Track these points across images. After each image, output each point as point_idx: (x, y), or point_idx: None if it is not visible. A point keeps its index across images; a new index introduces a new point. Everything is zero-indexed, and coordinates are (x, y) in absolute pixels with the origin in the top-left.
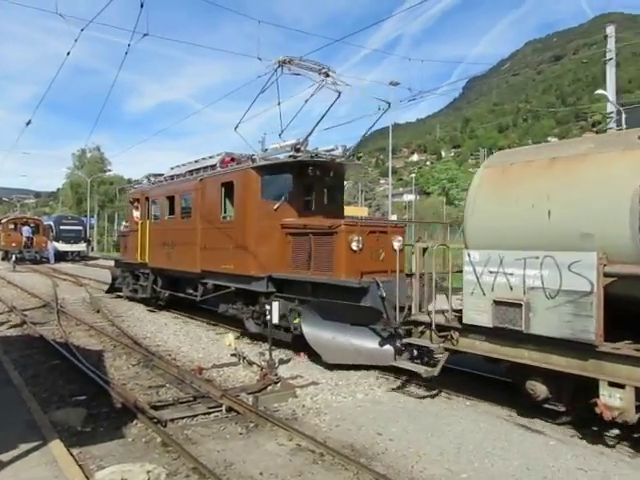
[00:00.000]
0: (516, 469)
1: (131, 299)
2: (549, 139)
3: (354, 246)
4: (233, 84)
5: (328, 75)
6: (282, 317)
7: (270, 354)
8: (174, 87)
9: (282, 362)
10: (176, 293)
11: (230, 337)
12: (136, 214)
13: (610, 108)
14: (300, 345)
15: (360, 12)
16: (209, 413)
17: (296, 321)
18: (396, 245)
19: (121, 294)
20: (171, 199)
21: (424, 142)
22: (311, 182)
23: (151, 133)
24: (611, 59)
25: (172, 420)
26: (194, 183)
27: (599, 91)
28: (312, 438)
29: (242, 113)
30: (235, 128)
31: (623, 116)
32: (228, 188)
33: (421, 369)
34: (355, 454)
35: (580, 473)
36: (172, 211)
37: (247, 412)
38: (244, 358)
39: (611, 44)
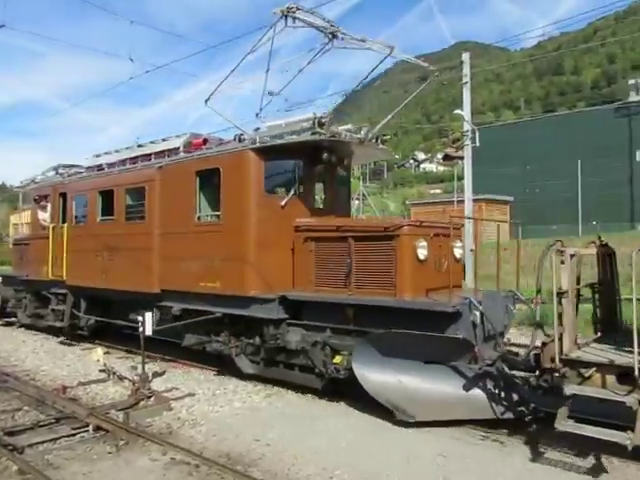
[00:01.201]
0: (385, 461)
1: (29, 327)
2: (416, 153)
3: (421, 254)
4: (100, 84)
5: (336, 37)
6: (299, 352)
7: (143, 367)
8: (34, 83)
9: (156, 375)
10: (112, 320)
11: (99, 352)
12: (43, 216)
13: (466, 127)
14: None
15: (238, 19)
16: (74, 435)
17: (337, 360)
18: (458, 252)
19: (13, 320)
20: (107, 195)
21: None
22: (323, 171)
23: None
24: (466, 82)
25: (30, 445)
26: (148, 172)
27: (457, 111)
28: (187, 450)
29: (113, 115)
30: (206, 101)
31: (477, 134)
32: (208, 178)
33: (621, 437)
34: (232, 462)
35: (440, 458)
36: (108, 211)
37: (117, 430)
38: (114, 373)
39: (466, 69)
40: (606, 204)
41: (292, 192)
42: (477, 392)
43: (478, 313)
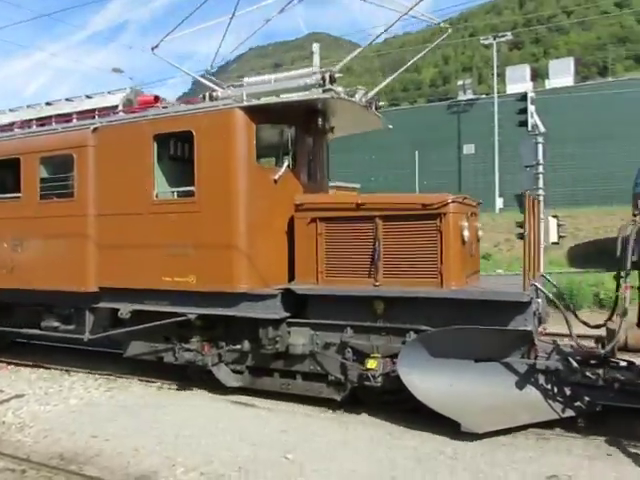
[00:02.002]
0: (231, 441)
1: None
2: None
3: (465, 235)
4: None
5: None
6: (304, 358)
7: None
8: None
9: None
10: (19, 330)
11: None
12: None
13: None
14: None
15: None
16: None
17: (372, 365)
18: (480, 232)
19: None
20: (8, 166)
21: None
22: (313, 140)
23: None
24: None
25: None
26: (77, 136)
27: None
28: (12, 456)
29: None
30: (153, 49)
31: None
32: (173, 143)
33: None
34: (65, 463)
35: (284, 434)
36: (12, 186)
37: None
38: None
39: (316, 59)
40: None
41: (286, 164)
42: (532, 391)
43: (540, 301)
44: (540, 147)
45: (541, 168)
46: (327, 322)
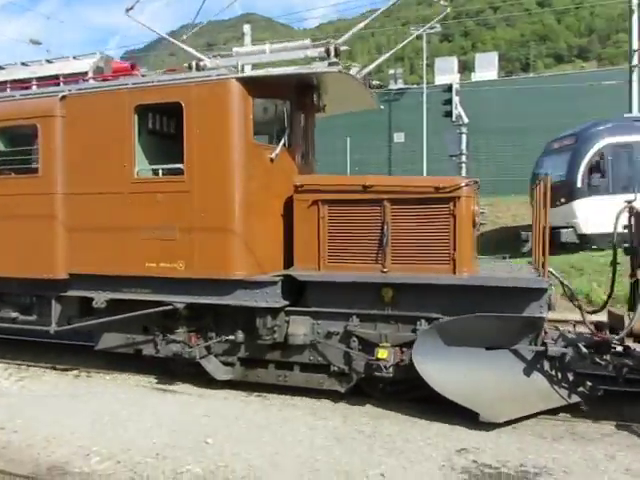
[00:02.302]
0: (150, 428)
1: None
2: None
3: (477, 220)
4: None
5: None
6: (308, 347)
7: None
8: None
9: None
10: None
11: None
12: None
13: None
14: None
15: None
16: None
17: (383, 355)
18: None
19: None
20: None
21: None
22: (305, 118)
23: None
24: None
25: None
26: (42, 104)
27: None
28: None
29: None
30: (128, 10)
31: None
32: (157, 116)
33: None
34: None
35: (205, 418)
36: None
37: None
38: None
39: (247, 40)
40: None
41: (282, 142)
42: (541, 377)
43: (554, 288)
44: (464, 137)
45: (464, 158)
46: (331, 310)
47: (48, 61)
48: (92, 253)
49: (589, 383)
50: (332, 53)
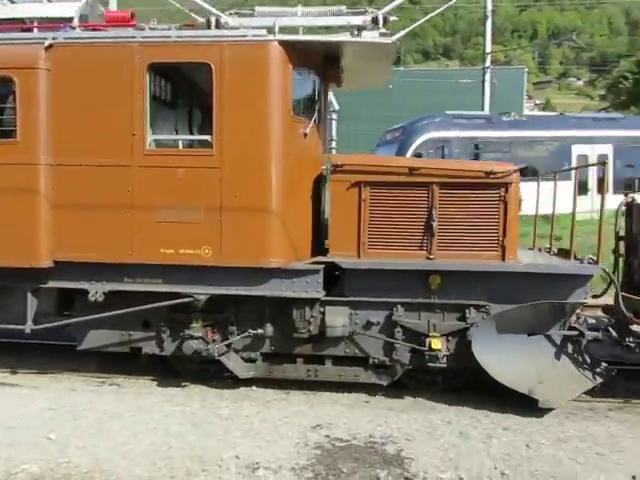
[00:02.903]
0: None
1: None
2: None
3: (522, 207)
4: None
5: None
6: (344, 339)
7: None
8: None
9: None
10: None
11: None
12: None
13: None
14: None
15: None
16: None
17: (437, 345)
18: None
19: None
20: None
21: None
22: (325, 93)
23: None
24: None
25: None
26: (22, 53)
27: None
28: None
29: None
30: None
31: None
32: (176, 77)
33: None
34: None
35: (49, 412)
36: None
37: None
38: None
39: None
40: None
41: (314, 117)
42: (567, 361)
43: None
44: (334, 123)
45: (334, 144)
46: (375, 300)
47: (12, 1)
48: (86, 237)
49: (604, 364)
50: (380, 22)
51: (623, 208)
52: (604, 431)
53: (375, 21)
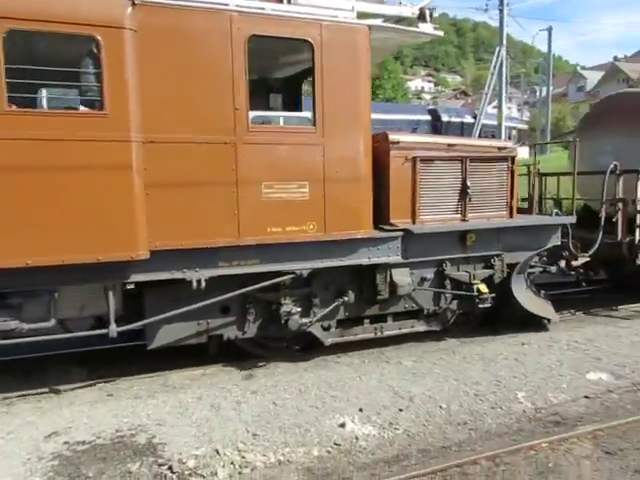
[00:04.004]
0: None
1: None
2: None
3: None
4: None
5: None
6: (400, 298)
7: None
8: None
9: None
10: None
11: None
12: None
13: None
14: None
15: None
16: None
17: (484, 289)
18: None
19: None
20: None
21: None
22: None
23: None
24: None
25: None
26: (105, 8)
27: None
28: None
29: None
30: None
31: None
32: (269, 51)
33: None
34: None
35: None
36: None
37: None
38: None
39: None
40: None
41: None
42: (534, 290)
43: None
44: None
45: None
46: (431, 259)
47: None
48: (184, 222)
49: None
50: (427, 16)
51: None
52: (335, 376)
53: (422, 15)
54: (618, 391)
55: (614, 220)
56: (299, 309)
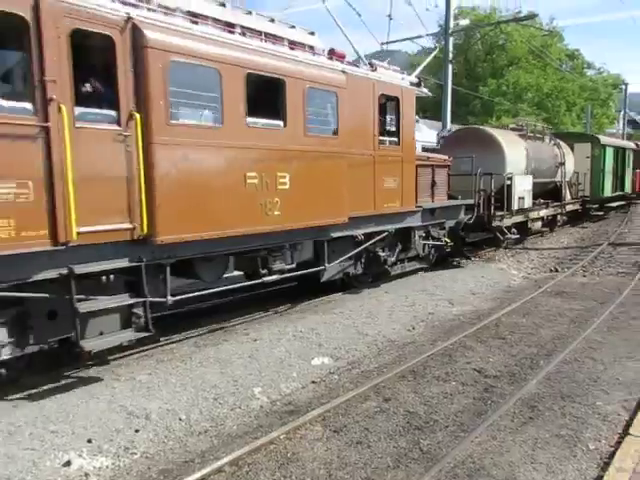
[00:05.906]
0: None
1: None
2: None
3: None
4: None
5: None
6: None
7: None
8: None
9: None
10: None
11: None
12: None
13: None
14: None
15: None
16: None
17: (448, 240)
18: None
19: None
20: (260, 82)
21: None
22: None
23: None
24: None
25: None
26: (336, 76)
27: None
28: None
29: None
30: None
31: None
32: (386, 103)
33: None
34: None
35: None
36: (265, 111)
37: None
38: None
39: None
40: None
41: None
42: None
43: None
44: None
45: None
46: (432, 222)
47: (292, 26)
48: (356, 201)
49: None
50: (422, 83)
51: None
52: (55, 407)
53: (419, 82)
54: (338, 372)
55: (480, 202)
56: (389, 252)
